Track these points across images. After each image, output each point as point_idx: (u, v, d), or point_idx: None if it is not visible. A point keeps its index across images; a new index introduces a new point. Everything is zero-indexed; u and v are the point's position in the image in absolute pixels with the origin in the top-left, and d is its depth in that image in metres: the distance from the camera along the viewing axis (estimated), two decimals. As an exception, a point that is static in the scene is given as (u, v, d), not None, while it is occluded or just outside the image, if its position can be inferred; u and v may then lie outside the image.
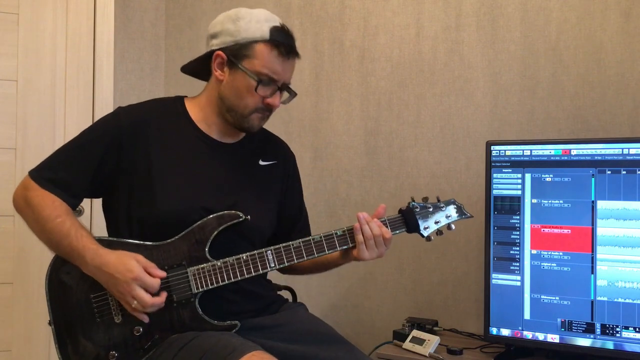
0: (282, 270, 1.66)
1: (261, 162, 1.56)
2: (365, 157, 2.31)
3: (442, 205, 1.51)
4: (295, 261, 1.41)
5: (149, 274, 1.31)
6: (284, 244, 1.41)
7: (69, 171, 1.41)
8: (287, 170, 1.63)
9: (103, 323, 1.36)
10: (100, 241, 1.37)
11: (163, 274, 1.34)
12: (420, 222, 1.47)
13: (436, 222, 1.49)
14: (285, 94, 1.50)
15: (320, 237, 1.42)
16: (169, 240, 1.39)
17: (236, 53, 1.41)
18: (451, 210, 1.51)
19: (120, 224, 1.43)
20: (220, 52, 1.43)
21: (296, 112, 2.42)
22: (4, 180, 2.11)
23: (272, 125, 1.71)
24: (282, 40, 1.41)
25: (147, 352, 1.36)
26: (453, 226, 1.51)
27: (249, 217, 1.42)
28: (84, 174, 1.42)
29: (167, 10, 2.67)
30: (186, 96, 1.55)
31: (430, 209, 1.49)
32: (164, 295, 1.32)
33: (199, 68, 1.52)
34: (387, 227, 1.45)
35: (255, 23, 1.41)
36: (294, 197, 1.65)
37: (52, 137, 2.20)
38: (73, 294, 1.38)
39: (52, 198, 1.38)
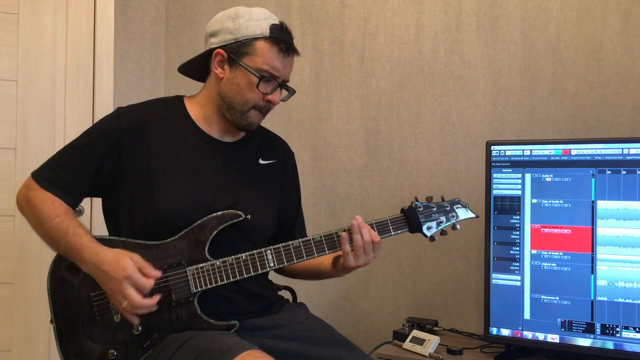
0: (279, 271, 1.66)
1: (261, 161, 1.56)
2: (365, 157, 2.31)
3: (446, 205, 1.49)
4: (295, 261, 1.41)
5: (144, 274, 1.29)
6: (283, 244, 1.41)
7: (68, 172, 1.42)
8: (286, 169, 1.63)
9: (103, 322, 1.37)
10: (101, 240, 1.37)
11: (158, 274, 1.32)
12: (422, 221, 1.46)
13: (439, 222, 1.47)
14: (285, 92, 1.51)
15: (321, 237, 1.42)
16: (168, 240, 1.39)
17: (236, 50, 1.42)
18: (456, 210, 1.49)
19: (121, 225, 1.44)
20: (220, 50, 1.44)
21: (296, 112, 2.42)
22: (4, 180, 2.11)
23: (272, 125, 1.71)
24: (282, 37, 1.42)
25: (146, 351, 1.36)
26: (458, 226, 1.49)
27: (249, 216, 1.42)
28: (83, 174, 1.42)
29: (167, 10, 2.67)
30: (185, 95, 1.55)
31: (434, 209, 1.47)
32: (156, 298, 1.30)
33: (197, 68, 1.52)
34: (388, 227, 1.44)
35: (255, 21, 1.42)
36: (292, 195, 1.65)
37: (52, 137, 2.20)
38: (74, 292, 1.38)
39: (51, 198, 1.39)
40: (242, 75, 1.42)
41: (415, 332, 1.90)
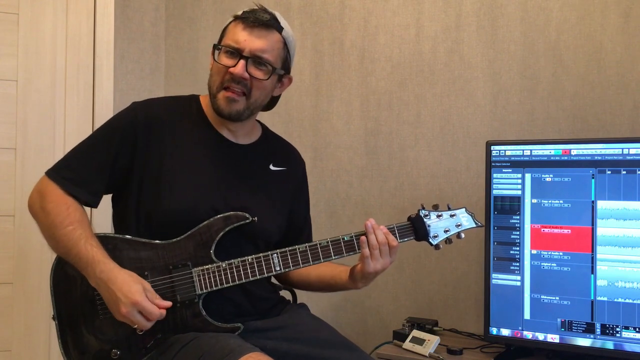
0: (281, 280, 1.67)
1: (272, 167, 1.56)
2: (365, 157, 2.31)
3: (452, 214, 1.49)
4: (301, 265, 1.41)
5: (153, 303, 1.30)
6: (289, 248, 1.41)
7: (87, 168, 1.41)
8: (297, 178, 1.63)
9: (106, 320, 1.36)
10: (105, 238, 1.37)
11: (168, 304, 1.32)
12: (429, 230, 1.46)
13: (446, 231, 1.47)
14: (263, 71, 1.43)
15: (327, 242, 1.42)
16: (174, 240, 1.39)
17: (219, 40, 1.47)
18: (462, 219, 1.48)
19: (128, 216, 1.43)
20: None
21: (296, 112, 2.42)
22: (4, 180, 2.11)
23: (272, 125, 1.71)
24: (248, 15, 1.42)
25: (149, 351, 1.36)
26: (463, 235, 1.49)
27: (255, 218, 1.42)
28: (102, 170, 1.41)
29: (167, 10, 2.67)
30: (200, 95, 1.55)
31: (441, 217, 1.47)
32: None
33: None
34: (395, 234, 1.44)
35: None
36: (300, 205, 1.65)
37: (52, 137, 2.19)
38: (77, 289, 1.38)
39: (67, 204, 1.37)
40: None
41: (415, 332, 1.90)
